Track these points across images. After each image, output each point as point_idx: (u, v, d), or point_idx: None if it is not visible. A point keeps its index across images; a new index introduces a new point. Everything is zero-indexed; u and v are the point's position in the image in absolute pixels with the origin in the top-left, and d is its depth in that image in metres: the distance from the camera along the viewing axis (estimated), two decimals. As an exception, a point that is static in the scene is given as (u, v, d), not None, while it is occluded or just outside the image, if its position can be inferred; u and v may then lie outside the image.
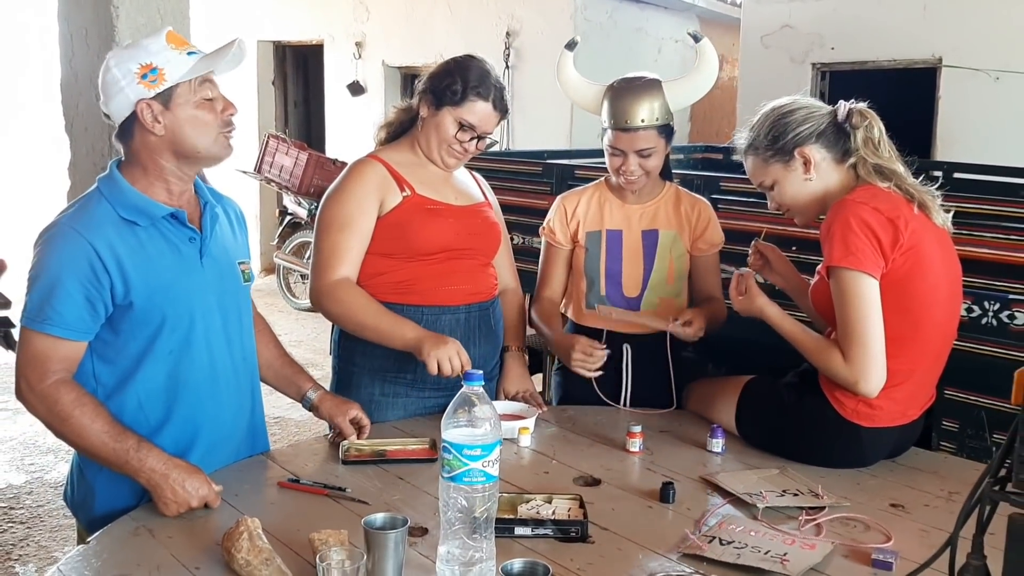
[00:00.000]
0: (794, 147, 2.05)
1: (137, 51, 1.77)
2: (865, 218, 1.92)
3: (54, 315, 1.71)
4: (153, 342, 1.80)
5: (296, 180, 7.39)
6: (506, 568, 1.36)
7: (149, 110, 1.75)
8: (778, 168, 2.08)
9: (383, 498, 1.81)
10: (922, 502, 1.87)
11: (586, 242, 2.49)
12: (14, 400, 5.21)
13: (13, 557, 3.50)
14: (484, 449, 1.45)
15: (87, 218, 1.76)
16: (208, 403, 1.88)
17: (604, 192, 2.52)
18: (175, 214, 1.82)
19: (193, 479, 1.72)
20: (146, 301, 1.77)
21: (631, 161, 2.37)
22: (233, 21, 9.05)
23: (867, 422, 1.99)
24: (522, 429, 2.14)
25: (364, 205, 2.23)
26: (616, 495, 1.87)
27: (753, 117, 2.14)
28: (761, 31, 7.06)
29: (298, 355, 6.58)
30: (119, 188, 1.80)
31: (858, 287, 1.92)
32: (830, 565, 1.57)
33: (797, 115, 2.07)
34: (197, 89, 1.79)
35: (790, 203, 2.11)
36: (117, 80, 1.75)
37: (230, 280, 1.94)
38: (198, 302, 1.85)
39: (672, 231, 2.46)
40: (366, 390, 2.31)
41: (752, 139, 2.11)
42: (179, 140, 1.78)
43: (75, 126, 3.41)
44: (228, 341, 1.92)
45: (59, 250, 1.73)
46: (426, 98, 2.27)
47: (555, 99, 7.23)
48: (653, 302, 2.46)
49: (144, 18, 3.11)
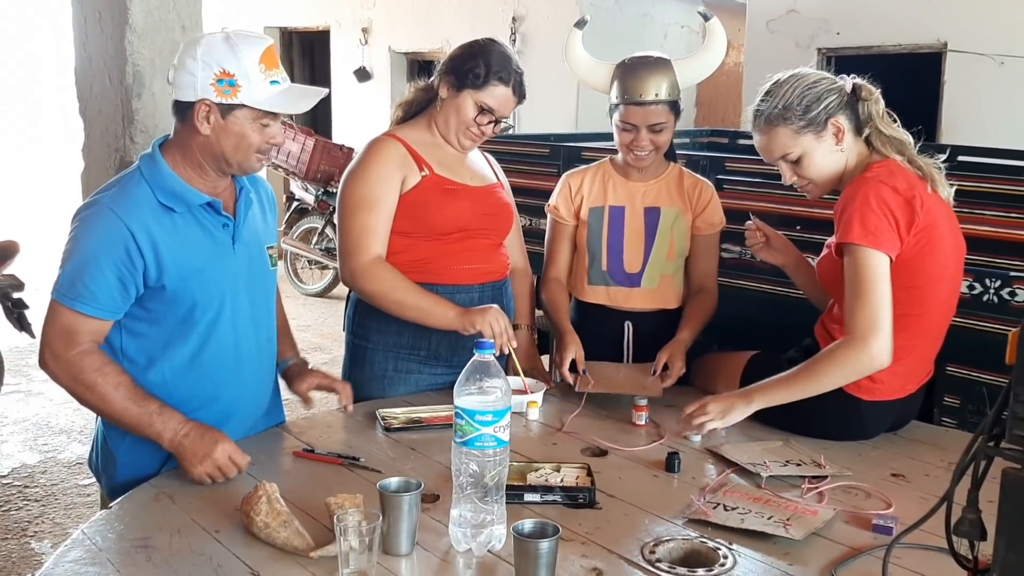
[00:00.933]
0: (827, 117, 2.04)
1: (229, 54, 1.77)
2: (885, 197, 1.94)
3: (86, 293, 1.75)
4: (183, 323, 1.85)
5: (303, 166, 7.41)
6: (517, 528, 1.40)
7: (206, 110, 1.78)
8: (810, 139, 2.05)
9: (396, 467, 1.85)
10: (922, 472, 1.91)
11: (589, 217, 2.53)
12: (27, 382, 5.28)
13: (29, 534, 3.56)
14: (495, 415, 1.49)
15: (126, 200, 1.79)
16: (232, 382, 1.93)
17: (608, 170, 2.56)
18: (211, 203, 1.86)
19: (218, 440, 1.78)
20: (178, 284, 1.81)
21: (643, 136, 2.41)
22: (241, 7, 9.07)
23: (867, 395, 2.03)
24: (530, 403, 2.18)
25: (388, 183, 2.25)
26: (623, 464, 1.92)
27: (768, 87, 2.10)
28: (767, 16, 7.06)
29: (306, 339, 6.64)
30: (160, 172, 1.83)
31: (874, 265, 1.93)
32: (832, 530, 1.62)
33: (822, 86, 2.05)
34: (259, 115, 1.81)
35: (815, 175, 2.08)
36: (195, 68, 1.77)
37: (259, 264, 1.98)
38: (228, 286, 1.89)
39: (675, 208, 2.50)
40: (379, 366, 2.36)
41: (780, 110, 2.05)
42: (218, 146, 1.82)
43: (89, 109, 3.45)
44: (255, 323, 1.97)
45: (97, 230, 1.77)
46: (447, 79, 2.29)
47: (561, 83, 7.24)
48: (653, 278, 2.50)
49: (157, 1, 3.14)
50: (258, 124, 1.82)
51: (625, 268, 2.51)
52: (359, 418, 2.16)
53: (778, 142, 2.07)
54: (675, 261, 2.52)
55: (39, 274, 4.75)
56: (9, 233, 4.52)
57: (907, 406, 2.13)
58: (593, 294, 2.55)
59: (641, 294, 2.51)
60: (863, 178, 1.99)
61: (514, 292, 2.51)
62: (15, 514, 3.71)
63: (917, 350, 2.06)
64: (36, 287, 4.53)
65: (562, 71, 2.60)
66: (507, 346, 2.15)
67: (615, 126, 2.47)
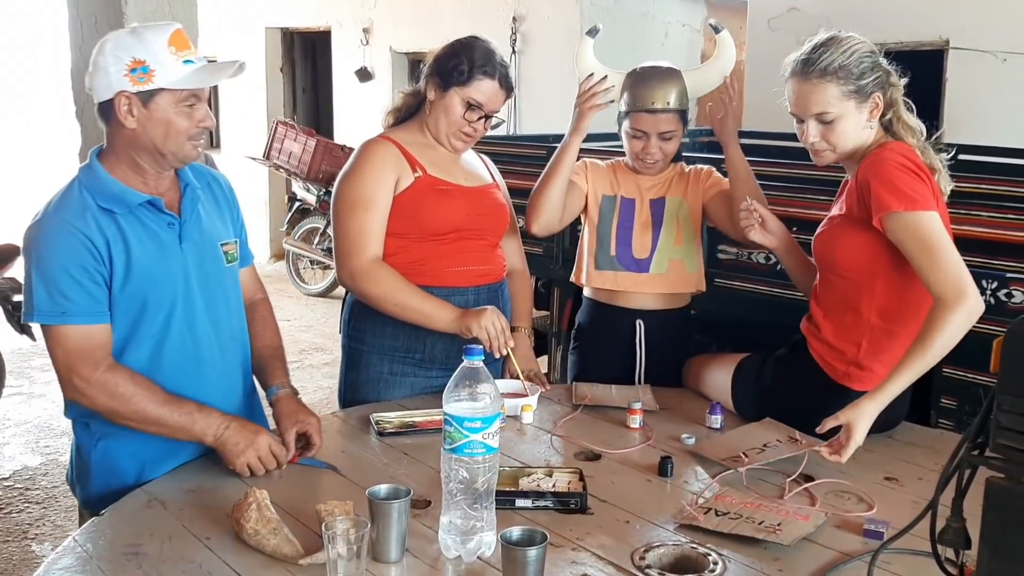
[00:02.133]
0: (872, 91, 2.00)
1: (136, 42, 1.76)
2: (905, 163, 1.93)
3: (69, 305, 1.75)
4: (135, 326, 1.83)
5: (305, 166, 7.42)
6: (505, 535, 1.40)
7: (127, 103, 1.76)
8: (851, 105, 1.99)
9: (389, 472, 1.85)
10: (915, 475, 1.91)
11: (601, 203, 2.56)
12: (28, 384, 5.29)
13: (30, 536, 3.57)
14: (484, 422, 1.49)
15: (68, 207, 1.78)
16: (193, 384, 1.89)
17: (620, 167, 2.61)
18: (152, 201, 1.83)
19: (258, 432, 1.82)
20: (126, 286, 1.80)
21: (652, 143, 2.46)
22: (241, 8, 9.08)
23: (857, 385, 2.03)
24: (525, 407, 2.18)
25: (382, 183, 2.25)
26: (615, 469, 1.91)
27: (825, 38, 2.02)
28: (768, 14, 7.04)
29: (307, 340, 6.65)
30: (97, 177, 1.82)
31: (927, 224, 1.88)
32: (822, 535, 1.61)
33: (874, 59, 2.01)
34: (181, 97, 1.79)
35: (839, 142, 2.02)
36: (106, 64, 1.76)
37: (211, 263, 1.94)
38: (179, 286, 1.86)
39: (677, 197, 2.53)
40: (375, 369, 2.36)
41: (836, 65, 1.98)
42: (147, 138, 1.79)
43: (85, 112, 3.45)
44: (213, 323, 1.93)
45: (52, 242, 1.76)
46: (433, 80, 2.29)
47: (562, 83, 7.22)
48: (662, 263, 2.52)
49: (153, 5, 3.14)
50: (183, 107, 1.79)
51: (633, 254, 2.53)
52: (353, 422, 2.16)
53: (821, 97, 2.00)
54: (683, 247, 2.53)
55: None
56: (8, 236, 4.54)
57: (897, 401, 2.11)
58: (600, 279, 2.56)
59: (649, 279, 2.52)
60: (880, 154, 1.96)
61: (512, 293, 2.51)
62: (16, 516, 3.72)
63: (900, 337, 2.03)
64: (37, 290, 4.56)
65: (562, 71, 2.62)
66: (504, 348, 2.15)
67: (624, 133, 2.51)
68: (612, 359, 2.50)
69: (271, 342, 2.12)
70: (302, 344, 6.28)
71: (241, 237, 2.06)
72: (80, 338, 1.76)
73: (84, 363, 1.76)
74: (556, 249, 3.86)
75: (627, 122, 2.49)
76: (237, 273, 2.04)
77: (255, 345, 2.08)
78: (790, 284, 2.45)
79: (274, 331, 2.15)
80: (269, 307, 2.18)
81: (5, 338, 4.63)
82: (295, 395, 2.03)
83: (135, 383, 1.78)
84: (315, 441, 1.93)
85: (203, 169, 2.00)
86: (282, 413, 1.95)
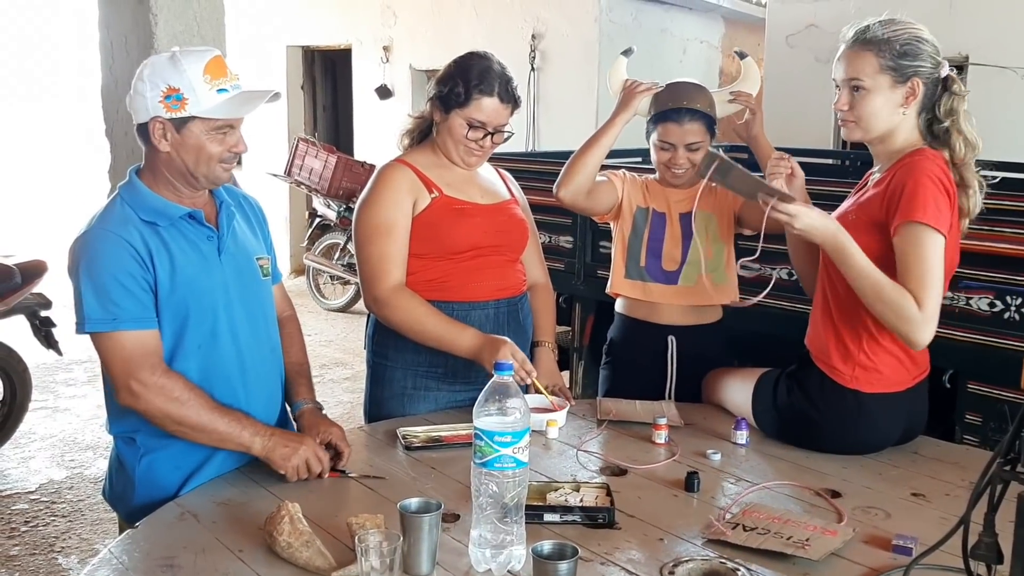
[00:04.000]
0: (913, 74, 2.00)
1: (172, 70, 1.81)
2: (942, 178, 1.93)
3: (120, 311, 1.79)
4: (181, 337, 1.88)
5: (325, 183, 7.50)
6: (536, 549, 1.42)
7: (161, 127, 1.82)
8: (885, 81, 1.99)
9: (417, 486, 1.87)
10: (943, 491, 1.91)
11: (635, 215, 2.59)
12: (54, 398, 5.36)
13: (56, 549, 3.60)
14: (514, 436, 1.51)
15: (113, 219, 1.84)
16: (240, 394, 1.95)
17: (650, 182, 2.65)
18: (192, 214, 1.89)
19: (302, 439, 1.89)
20: (171, 295, 1.84)
21: (680, 154, 2.49)
22: (263, 27, 9.19)
23: (867, 387, 2.03)
24: (550, 422, 2.19)
25: (401, 208, 2.28)
26: (642, 484, 1.92)
27: (889, 17, 2.04)
28: (786, 31, 7.06)
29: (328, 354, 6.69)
30: (138, 192, 1.88)
31: (936, 244, 1.90)
32: (851, 550, 1.62)
33: (929, 47, 2.02)
34: (215, 125, 1.84)
35: (865, 116, 2.02)
36: (144, 89, 1.82)
37: (249, 275, 2.00)
38: (220, 297, 1.91)
39: (707, 211, 2.54)
40: (399, 384, 2.38)
41: (881, 38, 1.99)
42: (179, 162, 1.85)
43: (115, 131, 3.51)
44: (255, 333, 1.99)
45: (99, 251, 1.81)
46: (435, 104, 2.33)
47: (580, 100, 7.28)
48: (691, 276, 2.54)
49: (182, 25, 3.20)
50: (216, 134, 1.85)
51: (663, 266, 2.56)
52: (380, 437, 2.18)
53: (858, 64, 2.01)
54: (713, 260, 2.54)
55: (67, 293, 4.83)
56: (37, 253, 4.60)
57: (911, 406, 2.11)
58: (629, 288, 2.59)
59: (677, 292, 2.54)
60: (922, 162, 1.95)
61: (535, 308, 2.52)
62: (43, 529, 3.76)
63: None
64: (63, 304, 4.61)
65: (580, 88, 2.66)
66: (525, 379, 2.16)
67: (652, 145, 2.56)
68: (643, 375, 2.52)
69: (297, 359, 2.16)
70: (323, 359, 6.32)
71: (271, 255, 2.10)
72: (135, 344, 1.80)
73: (142, 368, 1.80)
74: (578, 265, 3.88)
75: (655, 134, 2.53)
76: (271, 287, 2.09)
77: (285, 360, 2.12)
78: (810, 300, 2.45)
79: (300, 348, 2.19)
80: (297, 324, 2.23)
81: (32, 353, 4.68)
82: (319, 410, 2.08)
83: (189, 389, 1.83)
84: (342, 449, 1.97)
85: (235, 190, 2.06)
86: (305, 426, 2.02)
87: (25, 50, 10.98)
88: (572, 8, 7.34)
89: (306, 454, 1.87)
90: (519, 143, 6.66)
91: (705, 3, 8.19)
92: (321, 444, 1.93)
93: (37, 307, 4.41)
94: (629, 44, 2.79)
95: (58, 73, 9.08)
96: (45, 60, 9.57)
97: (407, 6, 8.40)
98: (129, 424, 1.88)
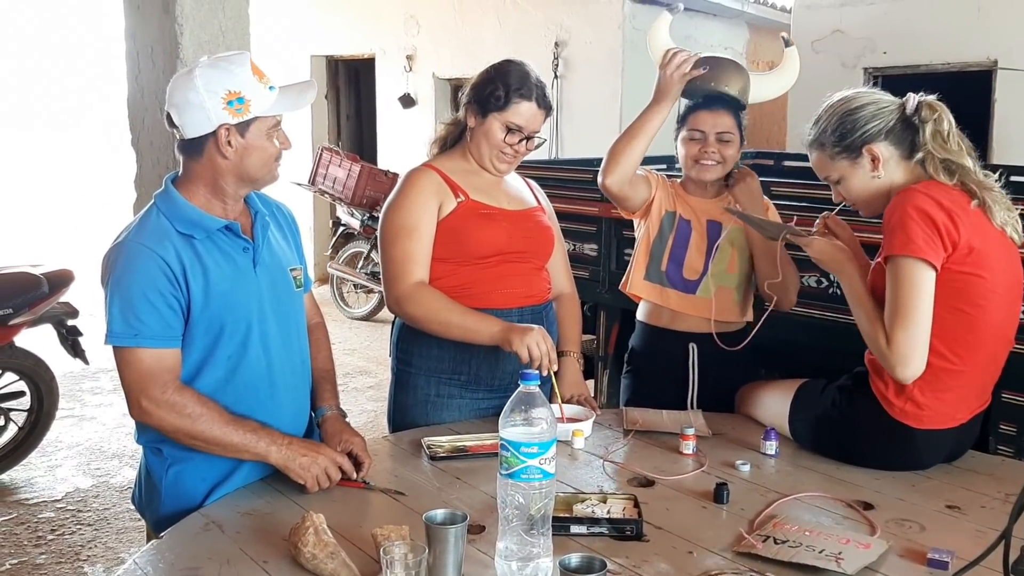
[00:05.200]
0: (862, 144, 2.04)
1: (226, 75, 1.82)
2: (923, 207, 1.92)
3: (143, 328, 1.79)
4: (213, 348, 1.88)
5: (349, 191, 7.53)
6: (564, 562, 1.39)
7: (227, 135, 1.82)
8: (844, 164, 2.08)
9: (442, 497, 1.85)
10: (978, 503, 1.87)
11: (663, 219, 2.55)
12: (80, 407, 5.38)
13: (82, 558, 3.61)
14: (540, 447, 1.49)
15: (148, 232, 1.84)
16: (267, 405, 1.94)
17: (678, 188, 2.61)
18: (229, 226, 1.89)
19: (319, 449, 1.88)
20: (205, 310, 1.84)
21: (711, 144, 2.46)
22: (287, 37, 9.25)
23: (915, 423, 1.99)
24: (576, 432, 2.17)
25: (425, 210, 2.29)
26: (670, 495, 1.90)
27: (817, 110, 2.13)
28: (812, 36, 7.01)
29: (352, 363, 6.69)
30: (175, 204, 1.87)
31: (913, 274, 1.91)
32: (885, 564, 1.58)
33: (865, 112, 2.05)
34: (271, 124, 1.87)
35: (855, 198, 2.12)
36: (202, 100, 1.80)
37: (283, 286, 2.00)
38: (254, 309, 1.91)
39: (739, 226, 2.49)
40: (423, 391, 2.38)
41: (818, 134, 2.10)
42: (244, 166, 1.86)
43: (141, 140, 3.52)
44: (286, 345, 1.99)
45: (131, 266, 1.81)
46: (471, 108, 2.33)
47: (604, 108, 7.26)
48: (709, 288, 2.50)
49: (207, 35, 3.21)
50: (272, 132, 1.88)
51: (684, 275, 2.53)
52: (404, 446, 2.17)
53: (819, 165, 2.14)
54: (735, 275, 2.52)
55: (93, 302, 4.87)
56: (64, 262, 4.64)
57: (961, 437, 2.08)
58: (647, 289, 2.57)
59: (694, 302, 2.51)
60: (904, 193, 1.97)
61: (561, 317, 2.51)
62: (69, 538, 3.78)
63: (966, 377, 2.01)
64: (90, 313, 4.65)
65: (604, 95, 2.64)
66: (547, 369, 2.14)
67: (681, 142, 2.52)
68: (665, 383, 2.49)
69: (323, 365, 2.16)
70: (346, 367, 6.32)
71: (303, 264, 2.10)
72: (152, 361, 1.80)
73: (153, 385, 1.80)
74: (602, 273, 3.86)
75: (684, 128, 2.50)
76: (303, 298, 2.09)
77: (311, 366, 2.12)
78: (842, 308, 2.42)
79: (327, 355, 2.19)
80: (325, 331, 2.23)
81: (59, 361, 4.72)
82: (343, 417, 2.08)
83: (201, 404, 1.82)
84: (362, 459, 1.96)
85: (268, 198, 2.06)
86: (328, 433, 2.02)
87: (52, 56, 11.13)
88: (595, 15, 7.34)
89: (325, 463, 1.86)
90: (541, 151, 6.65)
91: (730, 9, 8.16)
92: (342, 453, 1.92)
93: (64, 316, 4.45)
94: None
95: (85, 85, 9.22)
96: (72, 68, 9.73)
97: (430, 15, 8.44)
98: (156, 434, 1.87)
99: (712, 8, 7.99)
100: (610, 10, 7.26)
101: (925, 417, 1.99)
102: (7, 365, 4.34)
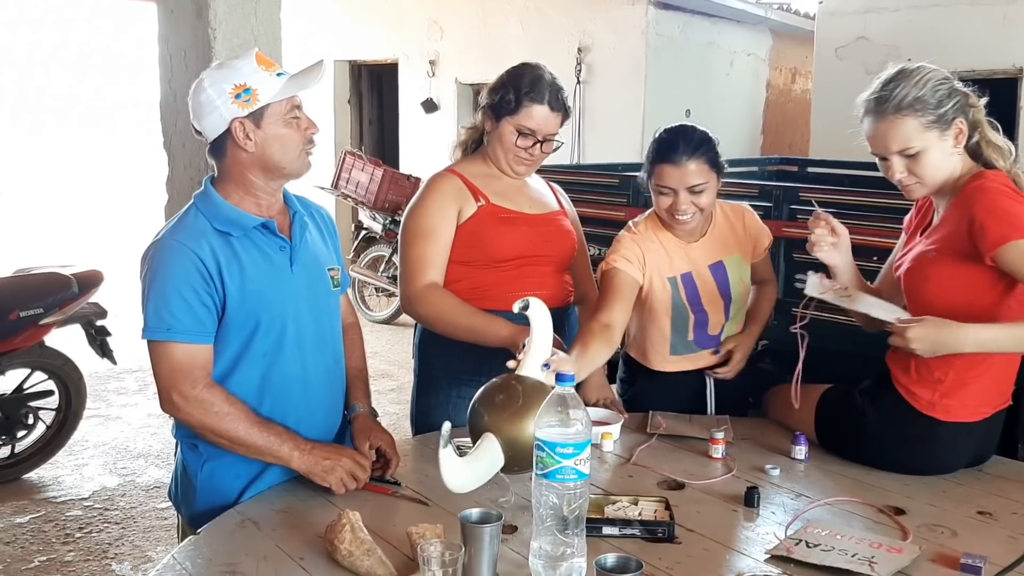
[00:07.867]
0: (954, 116, 1.95)
1: (230, 72, 1.86)
2: (1013, 187, 1.92)
3: (174, 322, 1.82)
4: (247, 345, 1.90)
5: (371, 196, 7.56)
6: (600, 562, 1.40)
7: (242, 128, 1.85)
8: (934, 135, 1.94)
9: (472, 497, 1.86)
10: (1010, 510, 1.86)
11: (671, 288, 2.37)
12: (106, 407, 5.43)
13: (110, 556, 3.65)
14: (576, 448, 1.50)
15: (186, 230, 1.87)
16: (300, 403, 1.97)
17: (660, 233, 2.37)
18: (266, 224, 1.92)
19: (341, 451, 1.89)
20: (240, 307, 1.87)
21: (682, 199, 2.25)
22: (311, 41, 9.30)
23: (943, 415, 1.99)
24: (605, 435, 2.18)
25: (445, 215, 2.32)
26: (700, 499, 1.90)
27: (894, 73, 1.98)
28: (835, 43, 7.00)
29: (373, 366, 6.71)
30: (213, 202, 1.91)
31: None
32: (918, 569, 1.58)
33: (952, 81, 1.97)
34: (286, 109, 1.89)
35: (928, 174, 1.97)
36: (212, 99, 1.85)
37: (320, 286, 2.03)
38: (290, 307, 1.94)
39: (734, 256, 2.41)
40: (444, 393, 2.40)
41: (916, 99, 1.93)
42: (267, 156, 1.88)
43: (173, 143, 3.57)
44: (320, 345, 2.01)
45: (167, 263, 1.84)
46: (487, 113, 2.37)
47: (627, 114, 7.27)
48: (734, 328, 2.45)
49: (239, 39, 3.25)
50: (289, 119, 1.89)
51: (709, 331, 2.42)
52: (432, 447, 2.17)
53: (902, 133, 1.95)
54: (746, 306, 2.49)
55: (122, 302, 4.92)
56: (94, 263, 4.70)
57: (986, 433, 2.07)
58: (676, 364, 2.44)
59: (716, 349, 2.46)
60: (982, 185, 1.92)
61: (583, 322, 2.51)
62: (96, 536, 3.82)
63: (994, 370, 2.01)
64: (117, 315, 4.70)
65: (627, 101, 2.63)
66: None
67: (652, 190, 2.32)
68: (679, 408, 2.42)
69: (356, 364, 2.19)
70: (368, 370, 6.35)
71: (340, 265, 2.13)
72: (183, 356, 1.83)
73: (184, 380, 1.82)
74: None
75: (651, 179, 2.30)
76: (339, 298, 2.11)
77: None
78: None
79: (360, 354, 2.22)
80: (359, 331, 2.26)
81: (86, 361, 4.77)
82: (374, 416, 2.11)
83: (229, 403, 1.84)
84: (390, 456, 1.98)
85: (307, 201, 2.09)
86: (357, 430, 2.05)
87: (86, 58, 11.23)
88: (619, 21, 7.35)
89: (349, 464, 1.88)
90: (564, 156, 6.67)
91: (753, 16, 8.16)
92: (371, 450, 1.94)
93: (93, 316, 4.50)
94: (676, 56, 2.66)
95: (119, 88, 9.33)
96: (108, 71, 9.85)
97: (454, 20, 8.47)
98: (191, 429, 1.90)
99: (735, 15, 7.99)
100: (633, 16, 7.27)
101: (952, 409, 1.99)
102: (37, 364, 4.40)
